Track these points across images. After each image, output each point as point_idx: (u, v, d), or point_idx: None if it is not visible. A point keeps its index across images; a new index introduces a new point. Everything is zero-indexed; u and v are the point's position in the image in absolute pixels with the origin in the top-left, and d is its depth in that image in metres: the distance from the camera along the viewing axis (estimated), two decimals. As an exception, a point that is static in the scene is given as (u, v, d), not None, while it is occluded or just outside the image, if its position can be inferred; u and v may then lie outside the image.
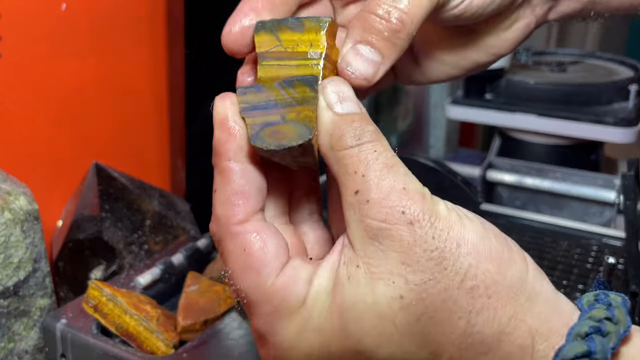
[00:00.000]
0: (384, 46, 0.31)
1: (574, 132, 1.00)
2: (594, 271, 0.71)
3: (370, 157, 0.27)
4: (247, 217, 0.29)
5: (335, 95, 0.29)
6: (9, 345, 0.61)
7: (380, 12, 0.30)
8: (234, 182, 0.29)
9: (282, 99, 0.29)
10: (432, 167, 0.83)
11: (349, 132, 0.28)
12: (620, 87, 1.02)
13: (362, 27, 0.31)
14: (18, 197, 0.60)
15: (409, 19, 0.31)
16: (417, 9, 0.31)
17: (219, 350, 0.57)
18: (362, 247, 0.27)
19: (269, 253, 0.28)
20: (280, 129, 0.29)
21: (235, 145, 0.29)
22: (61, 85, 0.72)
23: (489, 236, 0.28)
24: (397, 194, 0.27)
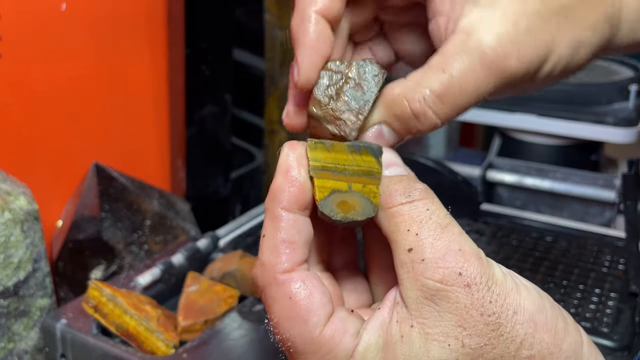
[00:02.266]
0: (405, 134, 0.32)
1: (574, 132, 1.00)
2: (594, 271, 0.71)
3: (423, 215, 0.27)
4: (293, 267, 0.29)
5: (384, 161, 0.30)
6: (8, 345, 0.61)
7: (416, 107, 0.30)
8: (285, 230, 0.29)
9: (350, 165, 0.30)
10: (432, 167, 0.83)
11: (398, 190, 0.28)
12: (621, 87, 1.02)
13: (394, 112, 0.31)
14: (18, 197, 0.60)
15: (440, 124, 0.31)
16: (454, 112, 0.31)
17: (219, 350, 0.57)
18: (417, 307, 0.27)
19: (315, 302, 0.28)
20: (347, 199, 0.29)
21: (294, 196, 0.29)
22: (61, 85, 0.72)
23: (544, 305, 0.27)
24: (453, 255, 0.26)
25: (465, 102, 0.30)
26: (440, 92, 0.30)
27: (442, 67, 0.30)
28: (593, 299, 0.65)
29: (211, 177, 0.87)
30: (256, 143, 0.94)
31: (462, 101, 0.30)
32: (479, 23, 0.30)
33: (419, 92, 0.30)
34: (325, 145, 0.30)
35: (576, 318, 0.62)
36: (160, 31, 0.82)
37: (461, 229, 0.28)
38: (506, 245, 0.77)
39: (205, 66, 0.81)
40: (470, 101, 0.31)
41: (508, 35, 0.30)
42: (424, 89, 0.30)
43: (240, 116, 0.90)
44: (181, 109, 0.82)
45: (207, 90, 0.83)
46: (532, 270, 0.71)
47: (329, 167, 0.30)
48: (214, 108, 0.84)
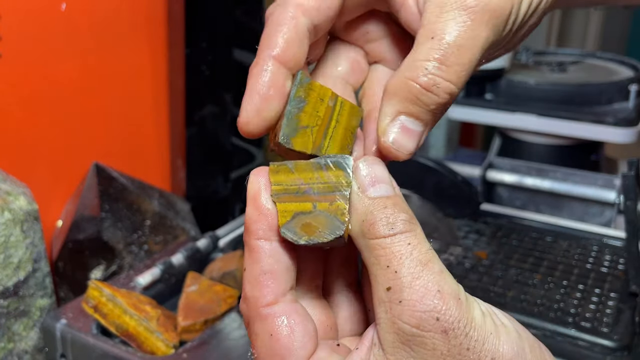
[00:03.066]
0: (429, 118, 0.30)
1: (574, 132, 1.00)
2: (594, 271, 0.71)
3: (404, 250, 0.26)
4: (276, 299, 0.28)
5: (368, 178, 0.28)
6: (8, 345, 0.61)
7: (425, 81, 0.29)
8: (262, 262, 0.28)
9: (314, 184, 0.29)
10: (432, 167, 0.83)
11: (382, 220, 0.27)
12: (621, 87, 1.02)
13: (405, 97, 0.29)
14: (18, 197, 0.60)
15: (456, 88, 0.29)
16: (463, 71, 0.29)
17: (219, 350, 0.57)
18: (393, 352, 0.26)
19: (296, 341, 0.27)
20: (311, 220, 0.28)
21: (266, 224, 0.28)
22: (61, 85, 0.72)
23: (524, 350, 0.26)
24: (431, 297, 0.25)
25: (469, 59, 0.29)
26: (439, 58, 0.29)
27: (429, 36, 0.29)
28: (593, 299, 0.65)
29: (211, 177, 0.87)
30: (256, 143, 0.94)
31: (466, 58, 0.29)
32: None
33: (418, 66, 0.29)
34: (288, 166, 0.29)
35: (576, 318, 0.62)
36: (160, 31, 0.82)
37: (442, 265, 0.27)
38: (506, 245, 0.77)
39: (205, 66, 0.81)
40: (474, 56, 0.29)
41: None
42: (420, 62, 0.29)
43: (240, 116, 0.90)
44: (181, 109, 0.82)
45: (207, 90, 0.83)
46: (532, 270, 0.71)
47: (291, 189, 0.29)
48: (214, 108, 0.84)
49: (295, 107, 0.30)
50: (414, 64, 0.29)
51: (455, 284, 0.26)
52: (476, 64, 0.29)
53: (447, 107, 0.30)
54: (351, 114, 0.31)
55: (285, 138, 0.30)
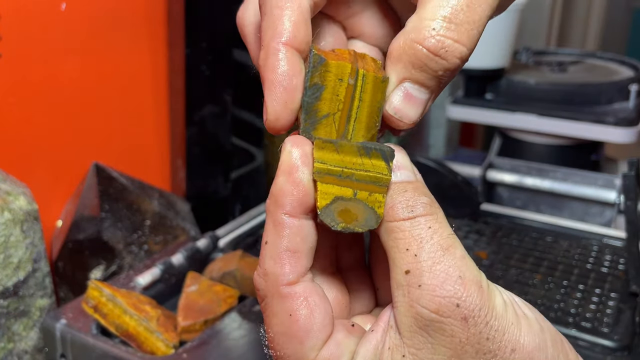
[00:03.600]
0: (434, 83, 0.28)
1: (575, 132, 1.00)
2: (594, 271, 0.71)
3: (425, 234, 0.25)
4: (297, 278, 0.27)
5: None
6: (8, 345, 0.61)
7: (432, 44, 0.27)
8: (288, 239, 0.27)
9: (357, 170, 0.28)
10: (432, 167, 0.83)
11: (401, 203, 0.26)
12: (621, 87, 1.02)
13: (410, 62, 0.27)
14: (18, 197, 0.60)
15: (467, 50, 0.27)
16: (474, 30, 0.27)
17: (219, 350, 0.57)
18: (410, 336, 0.25)
19: (315, 323, 0.27)
20: (350, 207, 0.27)
21: (298, 200, 0.27)
22: (61, 85, 0.72)
23: (546, 342, 0.26)
24: (452, 283, 0.25)
25: (479, 15, 0.27)
26: (446, 15, 0.26)
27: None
28: (593, 299, 0.65)
29: (211, 177, 0.87)
30: (256, 143, 0.94)
31: (474, 15, 0.27)
32: None
33: (426, 27, 0.27)
34: (334, 145, 0.28)
35: (576, 318, 0.62)
36: (160, 31, 0.82)
37: (464, 250, 0.26)
38: (506, 245, 0.77)
39: (205, 66, 0.81)
40: (484, 12, 0.27)
41: None
42: (428, 21, 0.27)
43: (240, 116, 0.90)
44: (181, 108, 0.82)
45: (207, 90, 0.83)
46: (532, 270, 0.71)
47: (334, 170, 0.27)
48: (214, 108, 0.84)
49: (312, 96, 0.28)
50: (420, 23, 0.27)
51: (477, 270, 0.26)
52: (486, 21, 0.28)
53: (456, 72, 0.28)
54: (375, 87, 0.29)
55: (307, 133, 0.28)
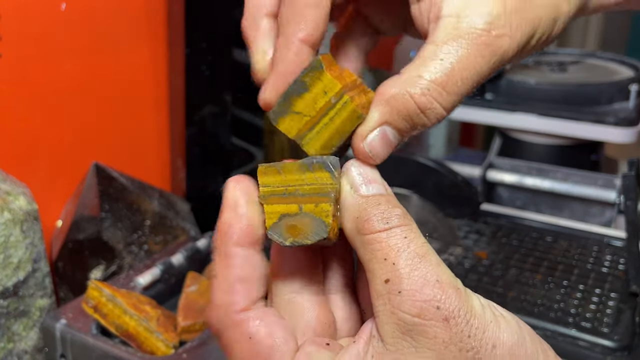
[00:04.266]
0: (408, 133, 0.30)
1: (575, 132, 1.00)
2: (594, 271, 0.71)
3: (401, 243, 0.26)
4: (250, 305, 0.28)
5: (360, 177, 0.28)
6: (8, 345, 0.61)
7: (422, 102, 0.29)
8: (239, 268, 0.28)
9: (301, 185, 0.29)
10: (432, 167, 0.83)
11: (376, 215, 0.27)
12: (621, 87, 1.02)
13: (397, 110, 0.29)
14: (18, 197, 0.60)
15: (446, 114, 0.30)
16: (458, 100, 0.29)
17: (219, 350, 0.57)
18: (394, 342, 0.26)
19: (277, 338, 0.27)
20: (297, 222, 0.28)
21: (244, 231, 0.28)
22: (61, 85, 0.72)
23: (524, 338, 0.27)
24: (431, 287, 0.25)
25: (467, 88, 0.30)
26: (442, 82, 0.29)
27: (438, 56, 0.29)
28: (593, 299, 0.65)
29: (211, 177, 0.87)
30: (256, 143, 0.94)
31: (465, 87, 0.29)
32: (466, 5, 0.30)
33: (421, 84, 0.29)
34: (276, 167, 0.29)
35: (576, 318, 0.62)
36: (160, 31, 0.82)
37: (439, 258, 0.27)
38: (506, 245, 0.77)
39: (205, 66, 0.81)
40: (472, 86, 0.30)
41: (498, 17, 0.30)
42: (425, 81, 0.29)
43: (240, 116, 0.90)
44: (181, 109, 0.82)
45: (207, 90, 0.83)
46: (532, 270, 0.71)
47: (278, 190, 0.29)
48: (214, 108, 0.84)
49: (296, 90, 0.30)
50: (417, 79, 0.29)
51: (452, 276, 0.27)
52: (470, 92, 0.30)
53: (429, 127, 0.30)
54: (350, 118, 0.31)
55: (275, 115, 0.30)
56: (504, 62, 0.31)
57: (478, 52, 0.29)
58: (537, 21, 0.31)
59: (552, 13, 0.32)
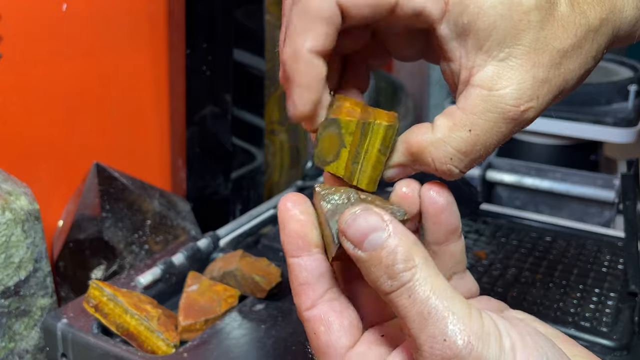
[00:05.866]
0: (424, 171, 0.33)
1: (574, 132, 1.00)
2: (594, 271, 0.71)
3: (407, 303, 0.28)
4: (313, 303, 0.32)
5: (357, 234, 0.29)
6: (9, 344, 0.61)
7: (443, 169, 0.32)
8: (299, 276, 0.32)
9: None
10: (432, 167, 0.83)
11: (382, 278, 0.28)
12: (620, 87, 1.02)
13: (418, 162, 0.33)
14: (19, 197, 0.60)
15: (461, 175, 0.32)
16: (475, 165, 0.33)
17: (220, 349, 0.57)
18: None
19: (332, 335, 0.31)
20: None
21: (296, 243, 0.32)
22: (62, 85, 0.72)
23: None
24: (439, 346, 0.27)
25: (487, 153, 0.32)
26: (466, 151, 0.31)
27: (467, 126, 0.31)
28: (592, 298, 0.65)
29: (212, 177, 0.87)
30: (256, 143, 0.94)
31: (485, 153, 0.32)
32: (498, 78, 0.31)
33: (445, 151, 0.32)
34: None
35: (576, 318, 0.62)
36: (160, 31, 0.82)
37: (448, 302, 0.27)
38: (506, 245, 0.77)
39: (206, 66, 0.81)
40: (492, 150, 0.32)
41: (528, 90, 0.31)
42: (450, 148, 0.31)
43: (241, 116, 0.90)
44: (182, 109, 0.83)
45: (207, 91, 0.83)
46: (531, 270, 0.71)
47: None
48: (214, 108, 0.84)
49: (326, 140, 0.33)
50: (443, 144, 0.32)
51: (463, 323, 0.27)
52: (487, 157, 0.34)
53: None
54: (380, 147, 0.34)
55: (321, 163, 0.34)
56: (525, 126, 0.33)
57: (504, 124, 0.31)
58: (564, 85, 0.32)
59: (580, 73, 0.33)
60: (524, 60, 0.31)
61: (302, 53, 0.30)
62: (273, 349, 0.57)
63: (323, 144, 0.33)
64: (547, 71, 0.31)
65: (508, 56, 0.31)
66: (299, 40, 0.30)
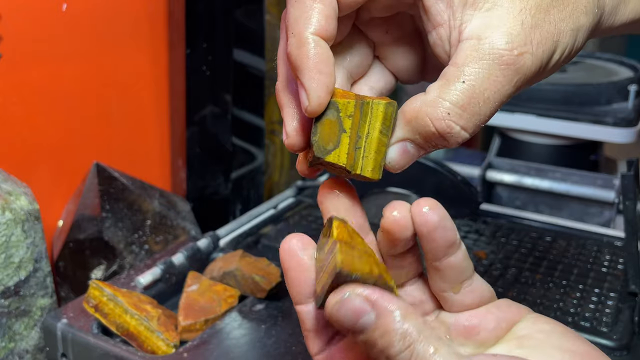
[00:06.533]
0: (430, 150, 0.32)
1: (574, 132, 1.00)
2: (594, 271, 0.71)
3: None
4: (320, 350, 0.32)
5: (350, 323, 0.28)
6: (9, 344, 0.61)
7: (442, 127, 0.30)
8: (304, 322, 0.32)
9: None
10: (432, 167, 0.83)
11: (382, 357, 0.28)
12: (620, 87, 1.02)
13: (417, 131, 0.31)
14: (19, 197, 0.60)
15: (468, 137, 0.31)
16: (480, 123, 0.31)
17: (220, 349, 0.57)
18: None
19: None
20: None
21: (298, 291, 0.32)
22: (62, 85, 0.72)
23: None
24: None
25: (489, 110, 0.30)
26: (463, 104, 0.30)
27: (460, 78, 0.30)
28: (592, 298, 0.65)
29: (212, 177, 0.87)
30: (256, 143, 0.94)
31: (487, 109, 0.30)
32: (486, 27, 0.30)
33: (441, 107, 0.30)
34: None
35: (576, 318, 0.62)
36: (160, 31, 0.82)
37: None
38: (505, 245, 0.77)
39: (206, 66, 0.81)
40: (495, 107, 0.30)
41: (519, 35, 0.30)
42: (445, 102, 0.30)
43: (241, 116, 0.90)
44: (182, 109, 0.83)
45: (207, 91, 0.83)
46: (531, 270, 0.71)
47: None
48: (215, 108, 0.84)
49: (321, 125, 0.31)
50: (438, 101, 0.30)
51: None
52: (493, 114, 0.31)
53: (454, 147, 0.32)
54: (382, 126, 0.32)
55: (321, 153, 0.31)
56: (527, 80, 0.31)
57: (500, 72, 0.30)
58: (558, 35, 0.31)
59: (571, 25, 0.32)
60: (510, 7, 0.30)
61: (306, 37, 0.30)
62: (273, 349, 0.57)
63: (322, 131, 0.31)
64: (536, 16, 0.30)
65: (494, 5, 0.30)
66: (301, 27, 0.30)
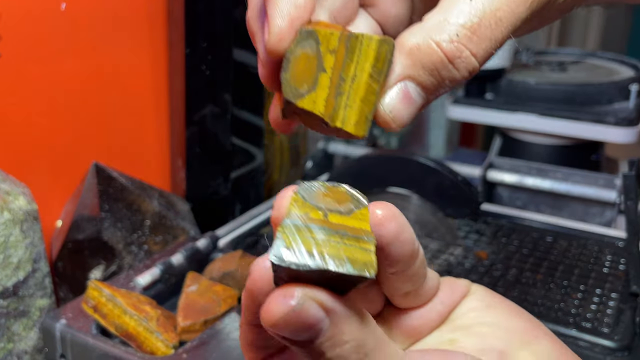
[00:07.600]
0: (434, 91, 0.27)
1: (575, 132, 1.00)
2: (595, 271, 0.71)
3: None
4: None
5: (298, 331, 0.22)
6: (8, 345, 0.61)
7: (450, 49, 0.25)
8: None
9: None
10: (432, 167, 0.83)
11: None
12: (621, 87, 1.02)
13: (421, 61, 0.26)
14: (17, 197, 0.60)
15: (478, 66, 0.26)
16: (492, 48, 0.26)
17: (219, 350, 0.57)
18: None
19: None
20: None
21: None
22: (61, 85, 0.72)
23: None
24: None
25: (501, 34, 0.26)
26: (473, 25, 0.25)
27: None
28: (594, 299, 0.65)
29: (211, 177, 0.87)
30: (256, 143, 0.94)
31: (499, 31, 0.26)
32: None
33: (449, 29, 0.25)
34: None
35: (577, 318, 0.62)
36: (160, 31, 0.82)
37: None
38: (506, 245, 0.77)
39: (205, 66, 0.81)
40: (508, 29, 0.26)
41: None
42: (453, 26, 0.25)
43: (240, 116, 0.90)
44: (181, 108, 0.82)
45: (207, 90, 0.83)
46: (532, 270, 0.71)
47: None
48: (214, 108, 0.84)
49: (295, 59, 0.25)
50: (443, 24, 0.25)
51: None
52: (505, 40, 0.27)
53: (455, 86, 0.27)
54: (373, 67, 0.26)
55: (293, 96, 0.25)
56: (542, 4, 0.27)
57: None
58: None
59: None
60: None
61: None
62: (272, 349, 0.57)
63: (296, 67, 0.24)
64: None
65: None
66: None
